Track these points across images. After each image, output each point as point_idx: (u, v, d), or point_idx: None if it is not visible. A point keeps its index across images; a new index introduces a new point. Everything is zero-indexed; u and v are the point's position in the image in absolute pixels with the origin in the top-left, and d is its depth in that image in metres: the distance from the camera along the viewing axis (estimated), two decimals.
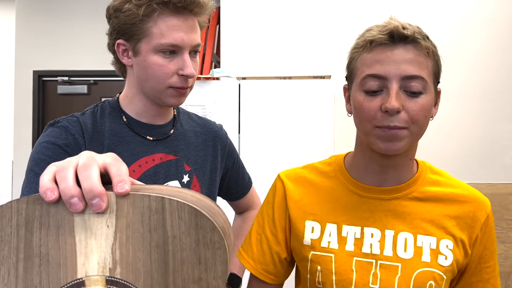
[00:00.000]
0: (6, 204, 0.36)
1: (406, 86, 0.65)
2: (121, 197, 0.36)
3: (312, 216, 0.76)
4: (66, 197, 0.35)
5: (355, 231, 0.72)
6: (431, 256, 0.69)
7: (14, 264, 0.36)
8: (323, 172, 0.80)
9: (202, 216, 0.36)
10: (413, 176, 0.74)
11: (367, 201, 0.74)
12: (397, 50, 0.66)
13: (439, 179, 0.76)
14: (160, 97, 0.83)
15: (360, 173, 0.75)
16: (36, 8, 3.45)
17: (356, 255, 0.71)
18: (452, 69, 2.16)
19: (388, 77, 0.65)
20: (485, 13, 2.16)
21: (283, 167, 0.85)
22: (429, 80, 0.67)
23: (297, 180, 0.81)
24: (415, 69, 0.65)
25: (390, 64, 0.65)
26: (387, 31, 0.66)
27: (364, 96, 0.68)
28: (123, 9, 0.78)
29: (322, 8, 2.19)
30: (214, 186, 0.98)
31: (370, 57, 0.68)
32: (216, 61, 2.29)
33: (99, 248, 0.36)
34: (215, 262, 0.36)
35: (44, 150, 0.76)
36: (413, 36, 0.66)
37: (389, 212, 0.72)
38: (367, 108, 0.67)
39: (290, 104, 1.94)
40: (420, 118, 0.66)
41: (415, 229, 0.71)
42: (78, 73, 3.43)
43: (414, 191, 0.73)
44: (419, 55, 0.66)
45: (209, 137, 0.98)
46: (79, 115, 0.84)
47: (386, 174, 0.73)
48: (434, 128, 2.15)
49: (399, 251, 0.70)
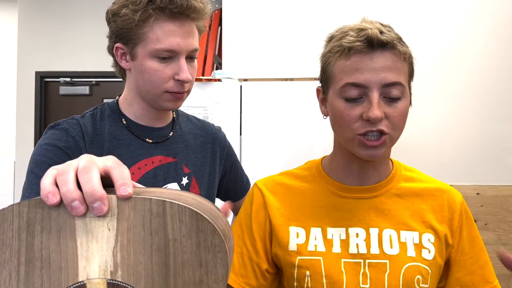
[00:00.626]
0: (8, 208, 0.37)
1: (386, 93, 0.66)
2: (122, 200, 0.36)
3: (296, 222, 0.75)
4: (67, 200, 0.35)
5: (340, 233, 0.72)
6: (415, 251, 0.70)
7: (16, 268, 0.37)
8: (301, 177, 0.80)
9: (203, 219, 0.36)
10: (390, 174, 0.76)
11: (349, 201, 0.74)
12: (376, 57, 0.66)
13: (412, 175, 0.78)
14: (156, 101, 0.83)
15: (341, 174, 0.76)
16: (38, 9, 3.46)
17: (343, 256, 0.71)
18: (454, 70, 2.16)
19: (369, 86, 0.65)
20: (487, 14, 2.15)
21: (284, 168, 0.85)
22: (406, 84, 0.68)
23: (275, 187, 0.79)
24: (394, 76, 0.65)
25: (369, 72, 0.65)
26: (364, 37, 0.65)
27: (344, 104, 0.68)
28: (120, 14, 0.78)
29: (324, 10, 2.19)
30: (213, 188, 0.98)
31: (349, 64, 0.67)
32: (217, 63, 2.29)
33: (100, 251, 0.36)
34: (216, 265, 0.36)
35: (45, 152, 0.77)
36: (392, 42, 0.66)
37: (371, 210, 0.73)
38: (348, 116, 0.67)
39: (292, 105, 1.94)
40: (400, 123, 0.68)
41: (398, 225, 0.72)
42: (80, 74, 3.44)
43: (392, 188, 0.75)
44: (397, 61, 0.66)
45: (208, 139, 0.99)
46: (79, 117, 0.84)
47: (366, 173, 0.74)
48: (435, 130, 2.15)
49: (385, 248, 0.70)
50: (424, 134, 2.14)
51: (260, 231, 0.77)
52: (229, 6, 2.22)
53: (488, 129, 2.15)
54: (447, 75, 2.16)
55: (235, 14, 2.22)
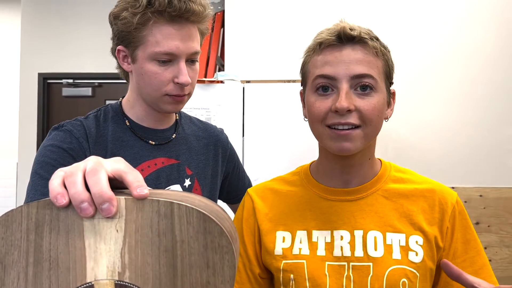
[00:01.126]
0: (17, 209, 0.37)
1: (356, 85, 0.66)
2: (130, 202, 0.36)
3: (283, 226, 0.75)
4: (76, 202, 0.35)
5: (325, 235, 0.72)
6: (401, 253, 0.68)
7: (24, 268, 0.37)
8: (291, 182, 0.80)
9: (211, 221, 0.36)
10: (375, 175, 0.75)
11: (334, 204, 0.73)
12: (346, 50, 0.67)
13: (403, 176, 0.76)
14: (157, 104, 0.83)
15: (325, 177, 0.76)
16: (41, 11, 3.47)
17: (327, 259, 0.70)
18: (457, 72, 2.15)
19: (338, 78, 0.66)
20: (490, 17, 2.15)
21: (286, 170, 0.85)
22: (379, 80, 0.68)
23: (265, 192, 0.80)
24: (364, 68, 0.66)
25: (338, 64, 0.66)
26: (335, 32, 0.68)
27: (315, 97, 0.69)
28: (121, 17, 0.79)
29: (326, 12, 2.19)
30: (215, 189, 0.98)
31: (320, 59, 0.69)
32: (220, 64, 2.30)
33: (108, 252, 0.36)
34: (223, 267, 0.36)
35: (49, 153, 0.77)
36: (360, 36, 0.67)
37: (356, 212, 0.72)
38: (318, 108, 0.68)
39: (294, 107, 1.94)
40: (373, 117, 0.66)
41: (384, 227, 0.70)
42: (82, 75, 3.45)
43: (378, 189, 0.73)
44: (367, 55, 0.67)
45: (211, 141, 0.99)
46: (82, 119, 0.85)
47: (348, 174, 0.73)
48: (438, 132, 2.15)
49: (369, 250, 0.69)
50: (427, 136, 2.14)
51: (251, 237, 0.77)
52: (232, 8, 2.22)
53: (491, 131, 2.15)
54: (450, 77, 2.16)
55: (238, 16, 2.22)
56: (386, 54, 0.70)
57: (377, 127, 0.69)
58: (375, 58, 0.68)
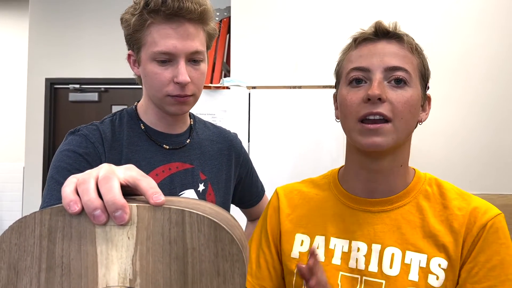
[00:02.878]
0: (30, 215, 0.37)
1: (390, 77, 0.65)
2: (142, 209, 0.37)
3: (303, 229, 0.74)
4: (89, 209, 0.36)
5: (343, 245, 0.70)
6: (419, 275, 0.64)
7: (36, 274, 0.37)
8: (319, 185, 0.79)
9: (221, 229, 0.36)
10: (406, 187, 0.70)
11: (356, 213, 0.71)
12: (380, 44, 0.67)
13: (436, 191, 0.70)
14: (161, 105, 0.83)
15: (350, 183, 0.73)
16: (49, 17, 3.51)
17: (342, 269, 0.68)
18: (464, 78, 2.15)
19: (371, 69, 0.65)
20: (504, 20, 2.15)
21: (292, 176, 0.86)
22: (414, 75, 0.66)
23: (292, 193, 0.80)
24: (399, 61, 0.65)
25: (373, 56, 0.66)
26: (370, 28, 0.69)
27: (348, 90, 0.68)
28: (123, 21, 0.81)
29: (332, 18, 2.20)
30: (228, 194, 0.99)
31: (355, 53, 0.69)
32: (226, 70, 2.31)
33: (119, 259, 0.37)
34: (234, 275, 0.36)
35: (65, 158, 0.78)
36: (395, 31, 0.67)
37: (377, 225, 0.68)
38: (350, 100, 0.67)
39: (300, 113, 1.95)
40: (405, 111, 0.64)
41: (404, 245, 0.66)
42: (89, 81, 3.47)
43: (405, 204, 0.69)
44: (402, 49, 0.67)
45: (224, 146, 0.99)
46: (98, 123, 0.85)
47: (375, 182, 0.69)
48: (444, 138, 2.14)
49: (384, 267, 0.66)
50: (433, 142, 2.13)
51: (274, 234, 0.78)
52: (238, 14, 2.24)
53: (497, 138, 2.13)
54: (456, 82, 2.15)
55: (244, 22, 2.24)
56: (422, 54, 0.69)
57: (409, 123, 0.65)
58: (410, 53, 0.67)
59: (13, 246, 0.37)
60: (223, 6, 2.36)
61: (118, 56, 3.45)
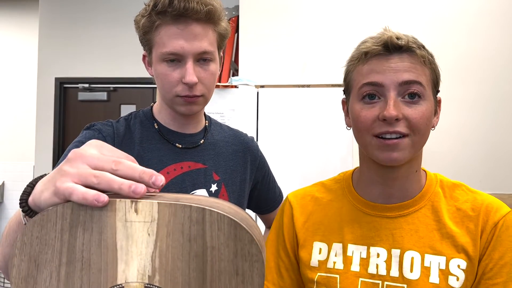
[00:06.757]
0: (52, 209, 0.38)
1: (404, 92, 0.64)
2: (163, 206, 0.37)
3: (320, 236, 0.74)
4: (126, 189, 0.36)
5: (361, 251, 0.70)
6: (440, 277, 0.65)
7: (57, 268, 0.37)
8: (332, 190, 0.79)
9: (241, 228, 0.36)
10: (420, 190, 0.71)
11: (373, 219, 0.71)
12: (393, 59, 0.66)
13: (449, 192, 0.71)
14: (172, 106, 0.84)
15: (365, 189, 0.73)
16: (59, 17, 3.54)
17: (362, 276, 0.68)
18: (476, 77, 2.13)
19: (385, 84, 0.65)
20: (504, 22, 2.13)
21: (301, 175, 0.85)
22: (428, 88, 0.66)
23: (305, 199, 0.79)
24: (412, 75, 0.64)
25: (386, 72, 0.65)
26: (381, 42, 0.66)
27: (361, 106, 0.67)
28: (135, 22, 0.83)
29: (340, 17, 2.19)
30: (243, 197, 0.98)
31: (366, 67, 0.67)
32: (234, 69, 2.31)
33: (139, 256, 0.37)
34: (252, 275, 0.36)
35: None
36: (408, 45, 0.65)
37: (395, 230, 0.69)
38: (364, 117, 0.66)
39: (308, 112, 1.94)
40: (421, 126, 0.64)
41: (423, 248, 0.67)
42: (98, 80, 3.50)
43: (422, 207, 0.70)
44: (415, 63, 0.66)
45: (240, 148, 0.99)
46: (114, 121, 0.88)
47: (391, 188, 0.70)
48: (453, 138, 2.12)
49: (405, 271, 0.66)
50: (442, 141, 2.11)
51: (292, 243, 0.78)
52: (246, 13, 2.24)
53: (507, 137, 2.11)
54: (465, 82, 2.13)
55: (252, 21, 2.24)
56: (433, 62, 0.69)
57: (425, 135, 0.66)
58: (422, 66, 0.66)
59: (34, 239, 0.38)
60: (231, 5, 2.36)
61: (127, 55, 3.48)
